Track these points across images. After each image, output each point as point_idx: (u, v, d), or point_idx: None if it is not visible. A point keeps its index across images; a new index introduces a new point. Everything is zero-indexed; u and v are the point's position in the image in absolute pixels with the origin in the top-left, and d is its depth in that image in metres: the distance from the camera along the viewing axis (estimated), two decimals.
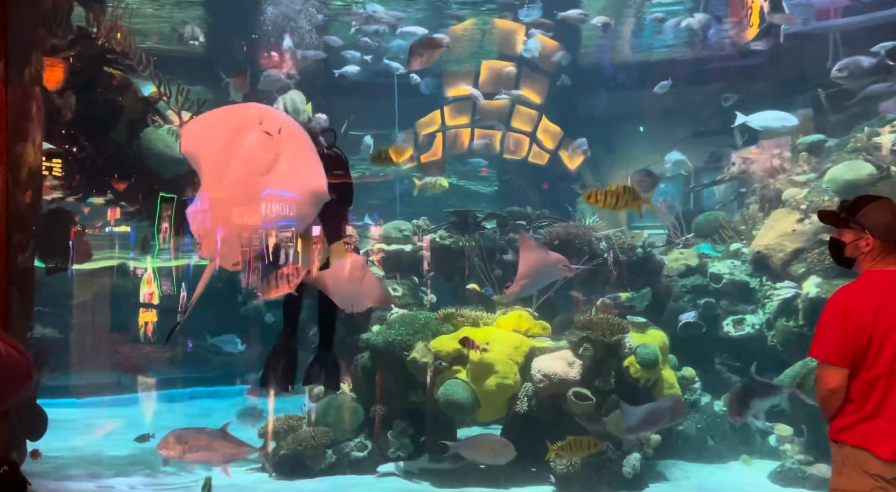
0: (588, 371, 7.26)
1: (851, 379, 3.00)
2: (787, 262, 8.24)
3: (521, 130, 12.49)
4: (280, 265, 4.53)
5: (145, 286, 8.76)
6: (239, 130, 4.20)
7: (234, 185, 4.19)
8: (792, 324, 7.82)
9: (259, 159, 4.17)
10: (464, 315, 8.02)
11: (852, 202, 3.24)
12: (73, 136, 6.51)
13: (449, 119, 12.51)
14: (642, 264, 8.97)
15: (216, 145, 4.23)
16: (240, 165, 4.18)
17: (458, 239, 9.08)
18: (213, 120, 4.40)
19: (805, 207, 8.31)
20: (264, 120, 4.19)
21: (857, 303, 3.01)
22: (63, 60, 5.90)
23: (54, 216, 6.27)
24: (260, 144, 4.16)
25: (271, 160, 4.18)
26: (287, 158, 4.20)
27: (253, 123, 4.18)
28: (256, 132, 4.17)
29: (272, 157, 4.18)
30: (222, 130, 4.24)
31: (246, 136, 4.18)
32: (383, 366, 7.80)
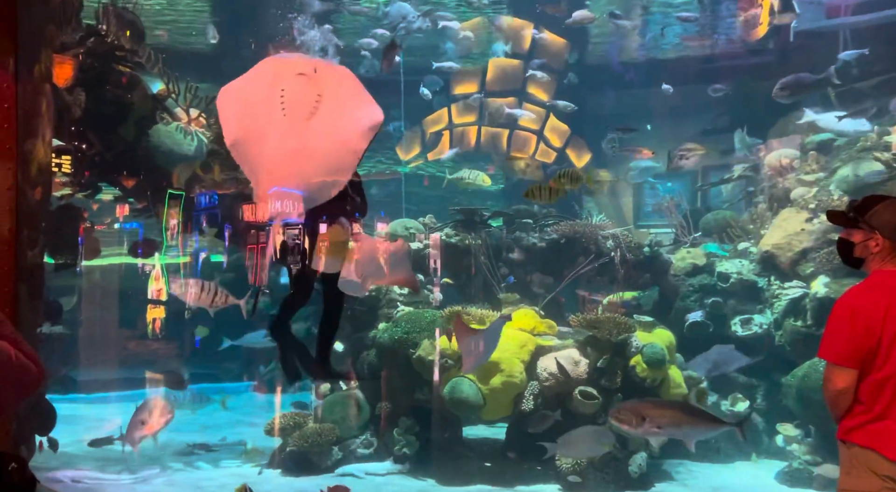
0: (594, 370, 7.25)
1: (860, 380, 2.99)
2: (796, 261, 8.20)
3: (528, 128, 12.47)
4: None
5: (153, 283, 8.81)
6: (273, 83, 4.06)
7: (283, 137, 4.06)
8: (800, 324, 7.79)
9: (301, 103, 4.02)
10: (470, 313, 8.02)
11: (861, 202, 3.22)
12: (83, 132, 6.55)
13: (456, 117, 12.51)
14: (649, 263, 8.95)
15: (255, 108, 4.11)
16: (283, 115, 4.04)
17: (464, 237, 9.08)
18: (244, 85, 4.24)
19: (814, 206, 8.26)
20: (297, 65, 4.08)
21: (867, 304, 2.99)
22: (73, 58, 5.93)
23: (63, 212, 6.31)
24: (298, 87, 4.03)
25: (314, 102, 4.03)
26: (330, 94, 4.07)
27: (286, 72, 4.07)
28: (291, 78, 4.04)
29: (314, 98, 4.04)
30: (257, 91, 4.11)
31: (283, 85, 4.05)
32: (389, 363, 7.82)
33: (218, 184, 7.92)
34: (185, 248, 8.80)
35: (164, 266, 9.24)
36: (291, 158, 4.08)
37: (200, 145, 7.35)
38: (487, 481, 7.10)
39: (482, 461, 7.54)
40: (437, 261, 8.89)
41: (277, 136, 4.06)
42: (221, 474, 7.39)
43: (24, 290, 4.68)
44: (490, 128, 12.51)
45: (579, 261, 8.75)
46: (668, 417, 5.28)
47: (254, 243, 8.04)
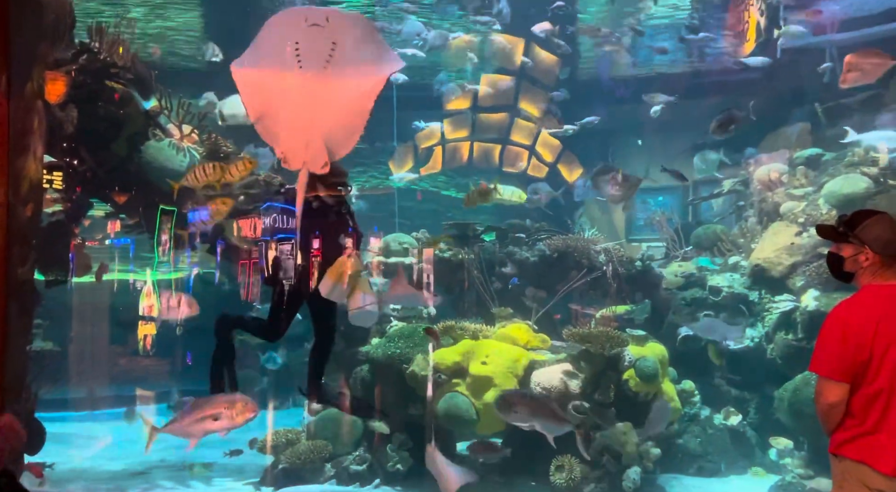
0: (588, 384, 7.25)
1: (852, 394, 3.00)
2: (786, 275, 8.27)
3: (520, 143, 12.55)
4: None
5: (144, 299, 8.75)
6: (286, 37, 4.04)
7: (301, 90, 4.04)
8: (791, 337, 7.83)
9: (317, 53, 4.00)
10: (463, 328, 8.01)
11: (851, 217, 3.25)
12: (75, 149, 6.53)
13: (448, 132, 12.57)
14: (641, 277, 8.99)
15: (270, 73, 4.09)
16: (300, 68, 4.02)
17: (457, 252, 9.09)
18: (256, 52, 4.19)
19: (803, 220, 8.34)
20: (308, 16, 4.03)
21: (858, 318, 3.02)
22: (65, 74, 5.93)
23: (54, 229, 6.28)
24: (312, 38, 4.00)
25: (329, 50, 4.00)
26: (345, 40, 4.04)
27: (297, 25, 4.03)
28: (304, 30, 4.01)
29: (329, 46, 4.01)
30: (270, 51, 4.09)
31: (296, 38, 4.02)
32: (383, 379, 7.78)
33: (210, 199, 7.91)
34: (177, 263, 8.77)
35: (155, 282, 9.19)
36: (311, 109, 4.09)
37: (193, 161, 7.35)
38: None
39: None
40: (430, 275, 8.89)
41: (296, 90, 4.05)
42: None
43: (14, 307, 4.65)
44: (482, 143, 12.58)
45: (572, 275, 8.78)
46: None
47: (246, 259, 8.03)
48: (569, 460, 6.94)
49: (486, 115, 12.40)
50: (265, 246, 5.02)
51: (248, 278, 8.23)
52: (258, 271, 8.73)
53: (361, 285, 4.81)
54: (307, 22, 4.01)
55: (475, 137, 12.59)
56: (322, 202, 4.70)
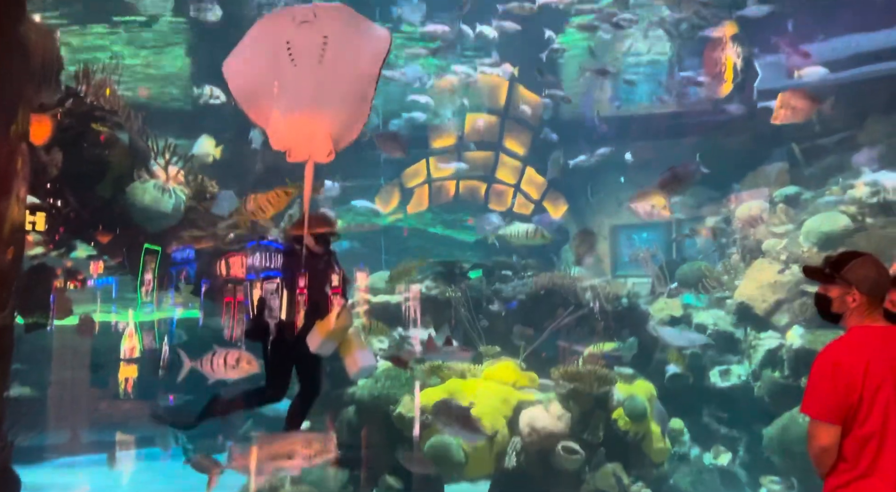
0: (576, 424, 7.18)
1: (844, 437, 2.99)
2: (770, 312, 8.33)
3: (505, 181, 12.67)
4: None
5: (126, 341, 8.61)
6: (277, 38, 4.09)
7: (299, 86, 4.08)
8: (778, 375, 7.85)
9: (310, 49, 4.04)
10: (451, 367, 7.94)
11: (836, 258, 3.28)
12: (59, 190, 6.49)
13: (434, 171, 12.67)
14: (627, 314, 9.00)
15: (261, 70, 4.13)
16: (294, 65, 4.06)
17: (444, 289, 9.07)
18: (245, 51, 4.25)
19: (785, 257, 8.45)
20: (296, 15, 4.08)
21: (847, 359, 3.02)
22: (51, 117, 5.93)
23: (36, 273, 6.19)
24: (303, 35, 4.05)
25: (322, 44, 4.04)
26: (335, 32, 4.09)
27: (287, 26, 4.07)
28: (294, 29, 4.05)
29: (321, 41, 4.05)
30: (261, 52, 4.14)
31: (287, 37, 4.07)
32: (369, 421, 7.66)
33: (195, 239, 7.86)
34: (160, 304, 8.66)
35: (137, 323, 9.06)
36: (312, 103, 4.09)
37: (178, 202, 7.32)
38: None
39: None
40: (416, 313, 8.86)
41: (293, 87, 4.07)
42: None
43: None
44: (468, 181, 12.68)
45: (559, 312, 8.78)
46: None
47: (231, 297, 7.94)
48: None
49: (472, 152, 12.53)
50: (250, 285, 4.98)
51: (233, 318, 8.14)
52: (243, 311, 8.65)
53: (356, 343, 4.71)
54: (296, 20, 4.07)
55: (461, 175, 12.69)
56: (310, 251, 4.66)
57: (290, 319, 4.55)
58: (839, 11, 8.73)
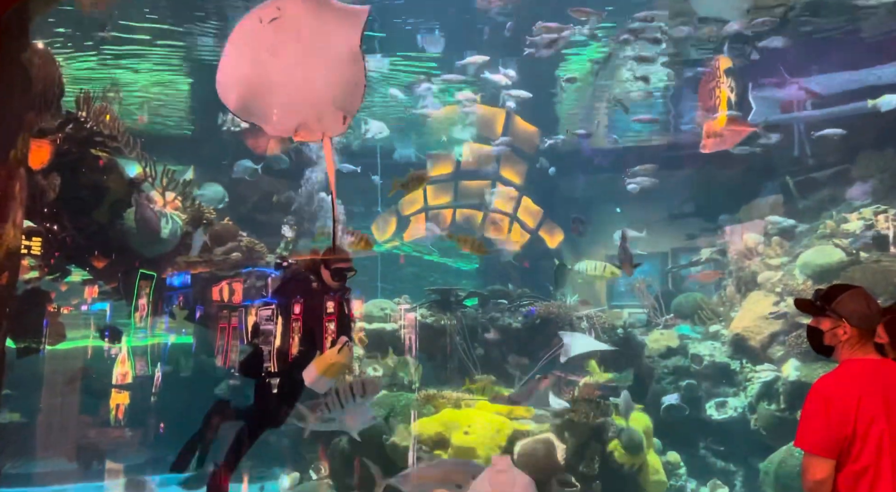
0: (572, 455, 7.11)
1: (838, 472, 2.97)
2: (766, 344, 8.32)
3: (502, 210, 12.72)
4: None
5: (119, 367, 8.54)
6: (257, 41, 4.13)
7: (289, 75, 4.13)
8: (774, 407, 7.81)
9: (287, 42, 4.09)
10: (445, 396, 7.89)
11: (827, 291, 3.29)
12: (56, 215, 6.50)
13: (431, 198, 12.72)
14: (623, 345, 8.98)
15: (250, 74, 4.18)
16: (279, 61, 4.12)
17: (439, 317, 9.06)
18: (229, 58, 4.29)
19: (780, 290, 8.46)
20: (262, 16, 4.13)
21: (840, 393, 3.02)
22: (50, 142, 5.97)
23: (30, 297, 6.17)
24: (275, 32, 4.09)
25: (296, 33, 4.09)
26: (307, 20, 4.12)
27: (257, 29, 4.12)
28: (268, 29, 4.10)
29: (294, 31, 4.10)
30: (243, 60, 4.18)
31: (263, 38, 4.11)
32: (362, 450, 7.57)
33: (190, 265, 7.86)
34: (153, 329, 8.62)
35: (130, 349, 9.00)
36: (306, 87, 4.12)
37: (175, 228, 7.34)
38: None
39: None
40: (412, 340, 8.83)
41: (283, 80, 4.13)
42: None
43: None
44: (464, 210, 12.73)
45: (554, 342, 8.75)
46: None
47: (225, 323, 7.91)
48: None
49: (468, 181, 12.60)
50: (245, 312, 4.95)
51: (227, 343, 8.10)
52: (237, 337, 8.59)
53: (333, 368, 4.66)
54: (264, 21, 4.13)
55: (457, 204, 12.75)
56: (324, 285, 4.62)
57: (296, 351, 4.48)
58: (832, 48, 8.89)
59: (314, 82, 4.23)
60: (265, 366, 4.54)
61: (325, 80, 4.24)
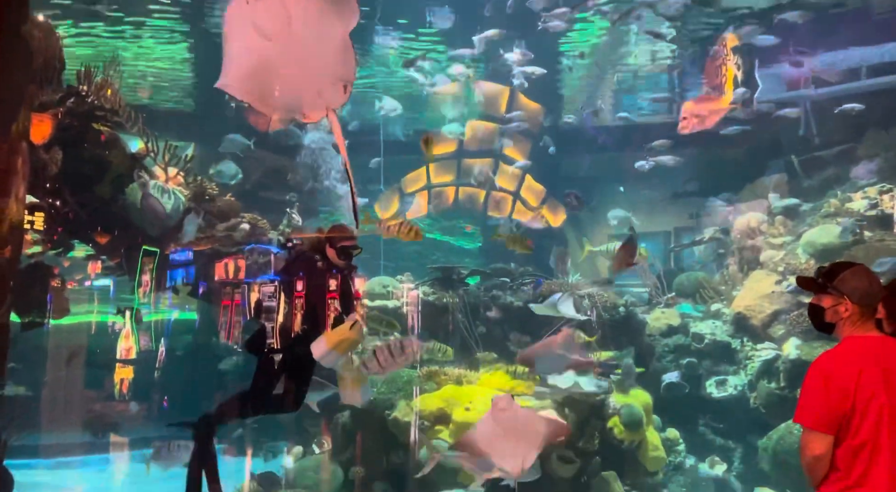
0: (573, 431, 7.16)
1: (836, 447, 2.99)
2: (767, 323, 8.33)
3: (504, 188, 12.69)
4: None
5: (123, 342, 8.60)
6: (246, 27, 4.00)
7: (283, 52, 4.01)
8: (774, 386, 7.84)
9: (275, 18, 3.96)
10: (447, 373, 7.94)
11: (829, 268, 3.29)
12: (58, 190, 6.50)
13: (434, 177, 12.69)
14: (624, 323, 9.00)
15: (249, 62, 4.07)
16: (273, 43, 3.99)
17: (442, 295, 9.08)
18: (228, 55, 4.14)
19: (782, 269, 8.45)
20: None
21: (839, 369, 3.03)
22: (52, 116, 5.94)
23: (33, 271, 6.19)
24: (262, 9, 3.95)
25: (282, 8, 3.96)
26: None
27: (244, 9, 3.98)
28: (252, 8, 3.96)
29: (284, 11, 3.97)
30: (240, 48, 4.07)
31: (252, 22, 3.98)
32: (364, 425, 7.65)
33: (193, 241, 7.88)
34: (157, 305, 8.67)
35: (134, 325, 9.04)
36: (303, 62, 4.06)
37: (178, 203, 7.34)
38: None
39: None
40: (414, 318, 8.85)
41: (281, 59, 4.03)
42: None
43: None
44: (467, 188, 12.70)
45: (556, 320, 8.76)
46: None
47: (229, 300, 7.95)
48: None
49: (471, 159, 12.55)
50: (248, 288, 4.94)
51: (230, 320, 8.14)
52: (240, 313, 8.63)
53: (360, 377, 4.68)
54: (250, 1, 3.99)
55: (460, 182, 12.72)
56: (329, 263, 4.58)
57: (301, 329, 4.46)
58: (839, 26, 8.77)
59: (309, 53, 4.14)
60: (269, 343, 4.52)
61: (319, 51, 4.16)
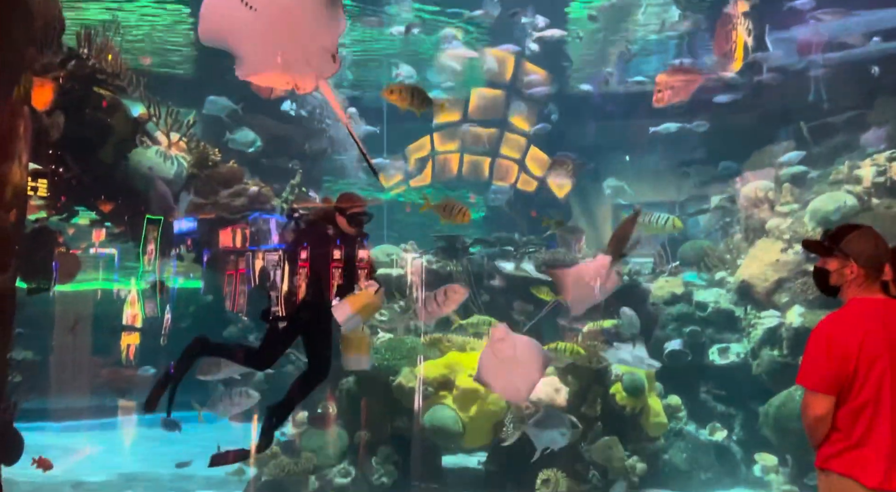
0: (575, 397, 7.23)
1: (838, 407, 3.01)
2: (771, 291, 8.32)
3: (509, 156, 12.61)
4: None
5: (129, 308, 8.66)
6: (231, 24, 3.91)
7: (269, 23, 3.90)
8: (776, 353, 7.87)
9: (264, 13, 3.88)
10: (451, 340, 7.98)
11: (836, 231, 3.27)
12: (61, 155, 6.47)
13: (439, 144, 12.61)
14: (627, 292, 8.99)
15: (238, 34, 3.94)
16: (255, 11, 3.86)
17: (446, 264, 9.09)
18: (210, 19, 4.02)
19: (788, 237, 8.41)
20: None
21: (843, 331, 3.03)
22: (53, 80, 5.88)
23: (38, 236, 6.20)
24: None
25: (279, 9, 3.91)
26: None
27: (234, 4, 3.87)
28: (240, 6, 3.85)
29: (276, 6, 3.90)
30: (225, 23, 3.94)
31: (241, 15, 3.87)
32: (368, 391, 7.72)
33: (197, 208, 7.87)
34: (162, 272, 8.69)
35: (140, 291, 9.10)
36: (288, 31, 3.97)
37: (180, 169, 7.31)
38: None
39: (462, 490, 7.44)
40: (418, 287, 8.87)
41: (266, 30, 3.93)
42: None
43: None
44: (472, 156, 12.62)
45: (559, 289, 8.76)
46: None
47: (233, 269, 8.00)
48: (555, 474, 6.91)
49: (476, 128, 12.45)
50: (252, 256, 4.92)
51: (235, 288, 8.18)
52: (245, 282, 8.66)
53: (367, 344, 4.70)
54: None
55: (465, 150, 12.64)
56: (339, 231, 4.52)
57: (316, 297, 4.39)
58: None
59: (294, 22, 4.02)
60: (274, 311, 4.48)
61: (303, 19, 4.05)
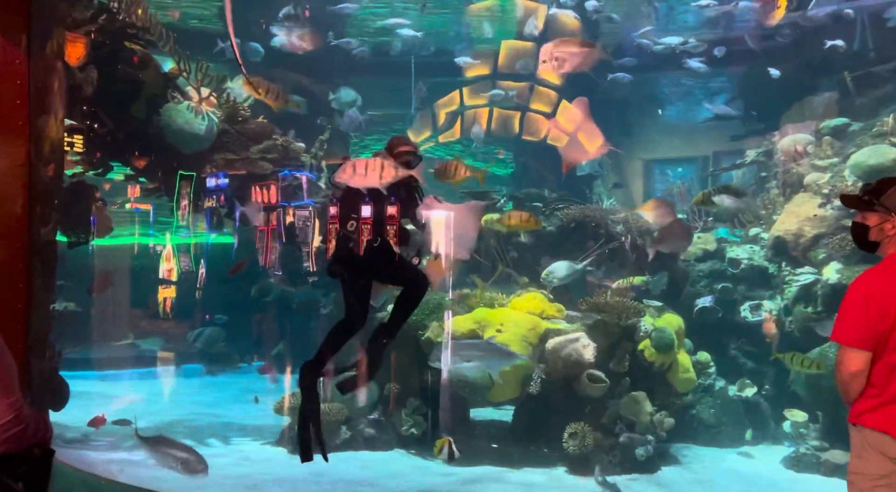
0: (603, 354, 7.26)
1: (874, 363, 2.97)
2: (808, 247, 8.15)
3: (539, 111, 12.39)
4: None
5: (164, 263, 8.87)
6: None
7: None
8: (810, 310, 7.76)
9: None
10: (478, 297, 8.02)
11: (876, 184, 3.17)
12: (94, 111, 6.55)
13: (468, 99, 12.43)
14: None
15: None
16: None
17: None
18: None
19: (827, 191, 8.19)
20: None
21: (881, 287, 2.97)
22: (84, 35, 5.91)
23: (76, 190, 6.33)
24: None
25: None
26: None
27: None
28: None
29: None
30: None
31: None
32: (398, 345, 7.83)
33: (229, 163, 7.95)
34: (195, 228, 8.85)
35: (175, 246, 9.29)
36: None
37: (211, 125, 7.36)
38: (495, 462, 7.14)
39: (489, 442, 7.58)
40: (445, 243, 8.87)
41: None
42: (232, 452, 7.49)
43: (38, 266, 4.71)
44: (502, 110, 12.43)
45: (589, 245, 8.72)
46: None
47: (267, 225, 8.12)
48: (582, 428, 6.99)
49: (506, 82, 12.22)
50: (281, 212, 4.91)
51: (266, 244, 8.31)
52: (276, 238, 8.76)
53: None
54: None
55: (495, 105, 12.44)
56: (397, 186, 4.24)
57: None
58: None
59: None
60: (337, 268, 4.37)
61: None
